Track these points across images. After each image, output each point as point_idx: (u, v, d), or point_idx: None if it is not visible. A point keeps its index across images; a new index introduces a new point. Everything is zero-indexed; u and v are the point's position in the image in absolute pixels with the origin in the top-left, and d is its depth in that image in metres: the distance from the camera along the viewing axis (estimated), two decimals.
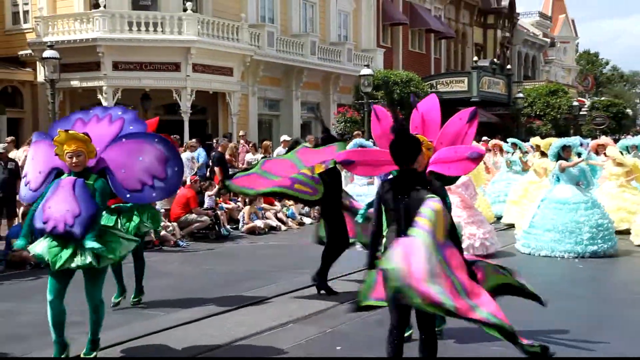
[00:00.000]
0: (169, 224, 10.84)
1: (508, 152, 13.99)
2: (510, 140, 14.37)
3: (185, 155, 13.77)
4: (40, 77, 17.12)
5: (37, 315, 5.65)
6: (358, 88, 21.26)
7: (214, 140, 15.41)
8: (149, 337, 5.43)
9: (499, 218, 11.92)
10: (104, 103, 16.48)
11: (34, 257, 4.64)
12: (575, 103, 31.19)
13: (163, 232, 10.45)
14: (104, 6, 16.44)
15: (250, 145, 15.41)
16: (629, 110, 38.67)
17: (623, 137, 19.79)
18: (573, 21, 50.59)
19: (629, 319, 5.99)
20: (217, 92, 18.46)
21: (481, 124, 27.10)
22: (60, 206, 4.39)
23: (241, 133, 16.66)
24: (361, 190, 11.03)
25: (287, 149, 7.37)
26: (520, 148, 13.55)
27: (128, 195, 4.63)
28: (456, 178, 4.69)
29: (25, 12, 18.65)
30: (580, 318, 5.95)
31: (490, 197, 12.51)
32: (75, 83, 16.87)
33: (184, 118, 17.12)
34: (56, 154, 4.49)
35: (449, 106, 27.95)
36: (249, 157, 14.65)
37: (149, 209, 6.18)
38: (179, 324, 5.76)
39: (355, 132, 17.12)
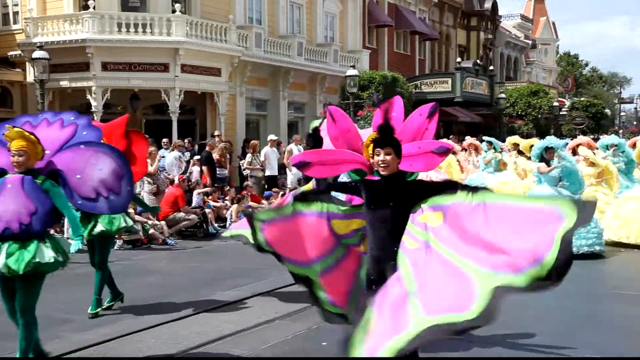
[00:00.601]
0: (157, 222, 11.11)
1: (486, 152, 13.88)
2: (486, 138, 14.31)
3: (173, 155, 14.07)
4: (30, 78, 17.23)
5: None
6: (344, 88, 21.61)
7: (186, 141, 15.74)
8: (136, 334, 5.48)
9: None
10: (93, 103, 16.69)
11: None
12: (556, 103, 31.73)
13: (151, 231, 10.72)
14: (94, 7, 16.57)
15: None
16: (607, 111, 39.41)
17: (602, 136, 20.15)
18: (554, 24, 51.19)
19: (612, 314, 6.17)
20: (205, 92, 18.66)
21: (464, 124, 27.48)
22: (10, 206, 4.18)
23: (216, 132, 16.83)
24: None
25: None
26: (494, 147, 13.51)
27: (80, 202, 4.40)
28: (413, 174, 4.41)
29: (15, 13, 18.69)
30: (565, 314, 6.11)
31: None
32: (64, 83, 17.01)
33: (172, 118, 17.33)
34: (8, 149, 4.32)
35: None
36: None
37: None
38: (167, 321, 5.83)
39: None
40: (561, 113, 32.63)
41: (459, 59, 30.27)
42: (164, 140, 15.40)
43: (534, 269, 2.97)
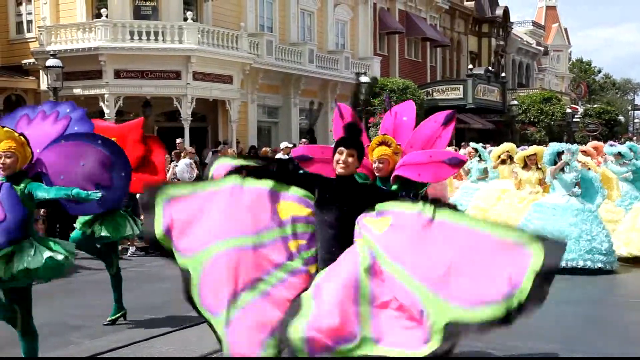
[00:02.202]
0: None
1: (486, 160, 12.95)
2: (472, 145, 13.72)
3: (184, 162, 14.08)
4: (44, 86, 17.35)
5: (40, 318, 5.56)
6: (355, 95, 21.60)
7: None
8: (149, 341, 5.47)
9: None
10: (106, 111, 16.77)
11: None
12: (569, 110, 31.54)
13: None
14: (106, 16, 16.71)
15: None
16: (621, 117, 39.06)
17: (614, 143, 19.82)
18: (566, 30, 51.07)
19: (623, 322, 6.15)
20: (217, 99, 18.71)
21: (476, 131, 27.26)
22: None
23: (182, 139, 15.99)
24: None
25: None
26: (480, 155, 12.85)
27: (68, 206, 4.12)
28: (423, 186, 4.18)
29: (29, 22, 18.87)
30: (575, 321, 6.10)
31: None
32: (77, 91, 17.11)
33: (184, 125, 17.38)
34: None
35: None
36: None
37: (118, 216, 5.71)
38: (179, 328, 5.80)
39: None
40: (574, 120, 32.42)
41: (470, 66, 30.17)
42: (190, 148, 15.12)
43: (498, 305, 2.70)
